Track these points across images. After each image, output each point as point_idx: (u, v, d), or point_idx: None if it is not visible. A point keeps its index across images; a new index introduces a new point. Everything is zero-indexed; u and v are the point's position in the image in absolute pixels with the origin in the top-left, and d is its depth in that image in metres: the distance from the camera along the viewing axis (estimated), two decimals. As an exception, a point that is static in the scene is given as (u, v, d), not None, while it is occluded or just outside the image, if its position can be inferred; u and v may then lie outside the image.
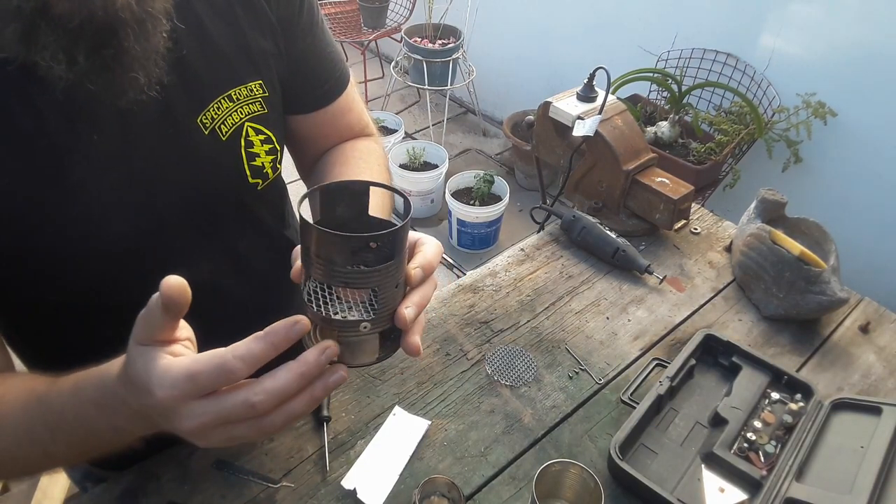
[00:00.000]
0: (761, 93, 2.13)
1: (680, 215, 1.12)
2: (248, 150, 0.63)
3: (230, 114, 0.61)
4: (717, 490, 0.76)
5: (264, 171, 0.65)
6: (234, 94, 0.61)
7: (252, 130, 0.63)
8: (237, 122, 0.62)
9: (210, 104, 0.60)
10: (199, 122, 0.59)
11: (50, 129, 0.52)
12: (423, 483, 0.70)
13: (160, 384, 0.41)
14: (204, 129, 0.60)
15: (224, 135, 0.61)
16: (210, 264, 0.66)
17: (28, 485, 1.40)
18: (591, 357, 0.94)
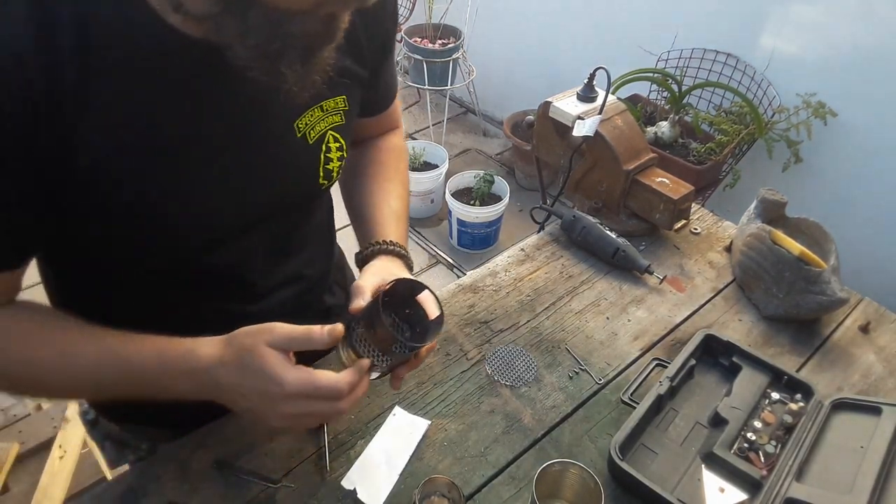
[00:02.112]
0: (761, 93, 2.13)
1: (680, 215, 1.12)
2: (325, 155, 0.72)
3: (318, 122, 0.69)
4: (717, 490, 0.76)
5: (332, 175, 0.74)
6: (325, 105, 0.70)
7: (332, 138, 0.72)
8: (322, 130, 0.70)
9: (306, 111, 0.68)
10: (296, 125, 0.67)
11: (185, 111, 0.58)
12: (423, 483, 0.70)
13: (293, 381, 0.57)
14: (297, 132, 0.68)
15: (311, 140, 0.69)
16: (267, 245, 0.75)
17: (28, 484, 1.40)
18: (591, 357, 0.94)
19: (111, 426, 0.90)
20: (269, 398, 0.59)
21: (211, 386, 0.60)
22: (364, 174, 0.88)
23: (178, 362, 0.61)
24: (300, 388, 0.58)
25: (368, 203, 0.85)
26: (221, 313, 0.73)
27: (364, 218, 0.84)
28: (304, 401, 0.59)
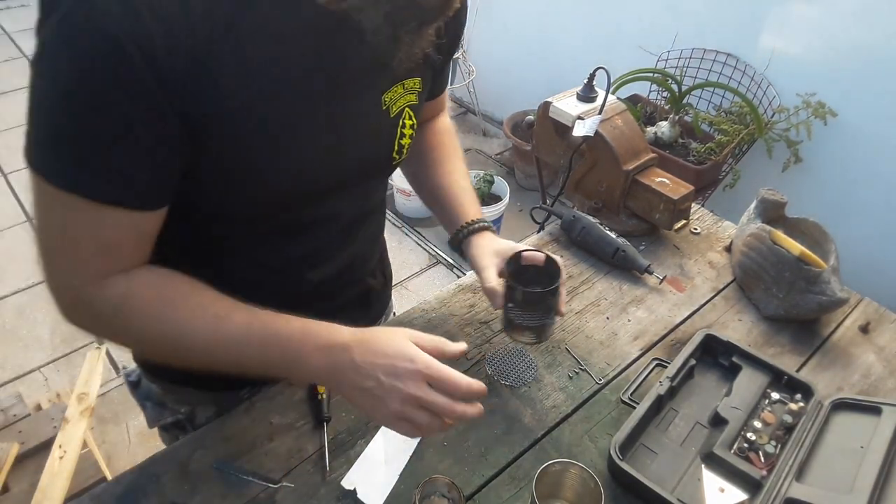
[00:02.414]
0: (761, 93, 2.13)
1: (680, 215, 1.12)
2: (401, 130, 0.76)
3: (400, 98, 0.74)
4: (717, 490, 0.76)
5: (403, 151, 0.78)
6: (407, 83, 0.74)
7: (408, 115, 0.76)
8: (402, 107, 0.75)
9: (393, 86, 0.72)
10: (384, 97, 0.72)
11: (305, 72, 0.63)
12: (423, 483, 0.70)
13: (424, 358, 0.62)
14: (383, 104, 0.72)
15: (392, 114, 0.74)
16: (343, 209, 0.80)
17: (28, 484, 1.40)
18: (591, 357, 0.94)
19: (152, 388, 0.93)
20: (396, 375, 0.61)
21: (343, 363, 0.63)
22: (430, 160, 0.96)
23: (322, 336, 0.64)
24: (427, 367, 0.61)
25: (443, 186, 0.94)
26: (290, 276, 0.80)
27: (444, 202, 0.93)
28: (426, 388, 0.61)
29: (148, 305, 0.64)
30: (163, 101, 0.54)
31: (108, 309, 0.63)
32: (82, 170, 0.55)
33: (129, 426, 1.94)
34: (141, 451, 1.86)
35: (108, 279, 0.62)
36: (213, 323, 0.64)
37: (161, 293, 0.64)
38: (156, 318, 0.64)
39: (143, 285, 0.64)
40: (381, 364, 0.62)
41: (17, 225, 2.69)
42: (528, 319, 0.84)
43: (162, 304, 0.64)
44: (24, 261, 2.51)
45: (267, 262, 0.78)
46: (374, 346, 0.63)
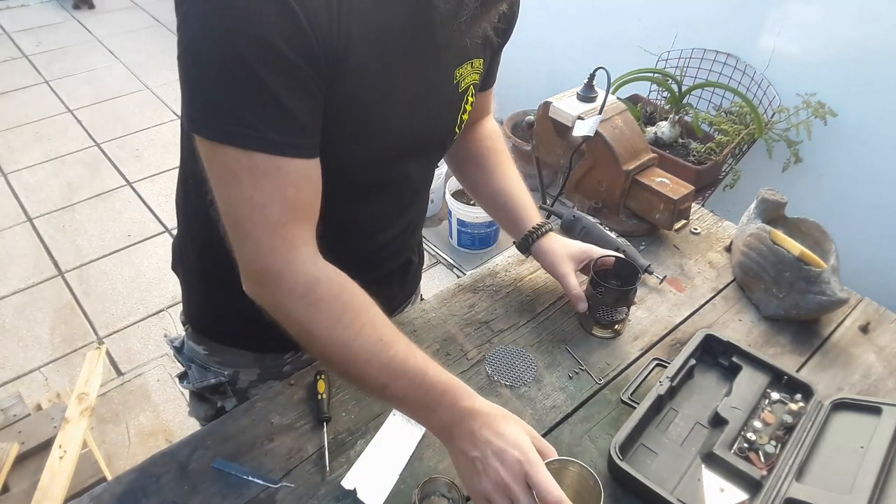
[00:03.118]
0: (761, 93, 2.13)
1: (680, 215, 1.12)
2: (464, 106, 0.81)
3: (468, 75, 0.78)
4: (717, 490, 0.76)
5: (462, 126, 0.83)
6: (475, 62, 0.79)
7: (471, 93, 0.81)
8: (469, 84, 0.79)
9: (464, 63, 0.77)
10: (456, 72, 0.76)
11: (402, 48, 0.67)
12: (423, 483, 0.70)
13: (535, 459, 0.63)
14: (455, 79, 0.76)
15: (461, 89, 0.78)
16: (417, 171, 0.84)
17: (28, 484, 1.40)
18: (591, 357, 0.94)
19: (197, 350, 0.95)
20: (502, 460, 0.63)
21: (464, 428, 0.66)
22: (489, 165, 1.00)
23: (459, 396, 0.67)
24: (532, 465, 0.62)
25: (505, 191, 0.99)
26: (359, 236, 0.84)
27: (507, 207, 0.99)
28: (521, 482, 0.62)
29: (333, 300, 0.66)
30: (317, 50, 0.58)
31: (299, 287, 0.64)
32: (263, 126, 0.58)
33: (129, 426, 1.94)
34: (141, 451, 1.86)
35: (299, 255, 0.64)
36: (378, 346, 0.66)
37: (342, 295, 0.66)
38: (335, 317, 0.65)
39: (331, 278, 0.66)
40: (494, 443, 0.64)
41: (17, 225, 2.69)
42: (616, 315, 0.95)
43: (343, 307, 0.66)
44: (24, 261, 2.51)
45: (344, 221, 0.79)
46: (496, 425, 0.65)
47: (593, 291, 0.95)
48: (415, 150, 0.79)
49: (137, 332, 2.24)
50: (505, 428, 0.65)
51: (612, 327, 0.97)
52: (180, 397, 2.00)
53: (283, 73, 0.57)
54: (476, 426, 0.65)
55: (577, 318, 1.00)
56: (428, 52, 0.71)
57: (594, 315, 0.96)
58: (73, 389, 1.62)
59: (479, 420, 0.66)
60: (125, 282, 2.43)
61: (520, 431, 0.66)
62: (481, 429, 0.65)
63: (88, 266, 2.51)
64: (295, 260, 0.64)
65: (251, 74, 0.56)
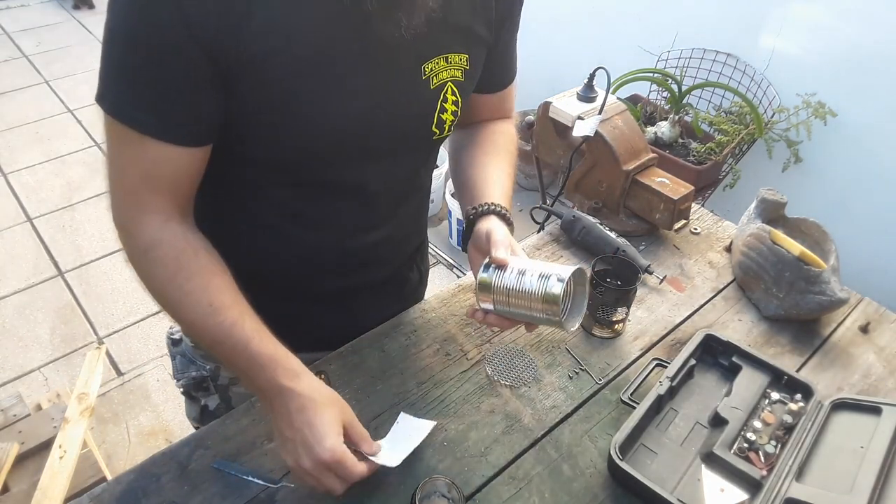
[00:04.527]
0: (761, 93, 2.13)
1: (680, 215, 1.12)
2: (442, 104, 0.77)
3: (442, 71, 0.75)
4: (717, 490, 0.76)
5: (444, 126, 0.79)
6: (450, 57, 0.75)
7: (451, 91, 0.77)
8: (444, 80, 0.76)
9: (435, 57, 0.74)
10: (423, 67, 0.73)
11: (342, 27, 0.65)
12: (423, 483, 0.70)
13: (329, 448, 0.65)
14: (423, 74, 0.74)
15: (433, 85, 0.75)
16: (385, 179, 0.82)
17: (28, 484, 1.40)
18: (591, 357, 0.94)
19: (185, 341, 0.98)
20: (305, 446, 0.66)
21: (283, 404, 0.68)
22: (473, 146, 0.92)
23: (281, 372, 0.68)
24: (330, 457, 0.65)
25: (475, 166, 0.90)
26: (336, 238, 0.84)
27: (471, 182, 0.88)
28: (324, 468, 0.66)
29: (170, 261, 0.68)
30: (191, 42, 0.59)
31: (139, 248, 0.69)
32: (125, 101, 0.63)
33: (129, 426, 1.94)
34: (141, 451, 1.86)
35: (148, 217, 0.68)
36: (207, 310, 0.68)
37: (180, 258, 0.69)
38: (169, 277, 0.69)
39: (170, 241, 0.69)
40: (305, 435, 0.66)
41: (17, 225, 2.69)
42: (616, 315, 0.95)
43: (178, 269, 0.68)
44: (24, 261, 2.51)
45: (315, 220, 0.81)
46: (310, 414, 0.67)
47: (593, 291, 0.95)
48: (373, 151, 0.76)
49: (137, 332, 2.24)
50: (319, 419, 0.66)
51: (612, 327, 0.97)
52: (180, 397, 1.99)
53: (169, 59, 0.60)
54: (292, 408, 0.67)
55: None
56: (373, 45, 0.68)
57: (594, 315, 0.96)
58: (73, 389, 1.62)
59: (294, 402, 0.67)
60: (125, 282, 2.43)
61: (332, 423, 0.67)
62: (296, 412, 0.67)
63: (88, 266, 2.51)
64: (143, 221, 0.68)
65: (136, 53, 0.60)
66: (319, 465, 0.65)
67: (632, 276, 0.95)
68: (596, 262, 0.96)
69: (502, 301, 0.74)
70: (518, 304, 0.73)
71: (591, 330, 0.98)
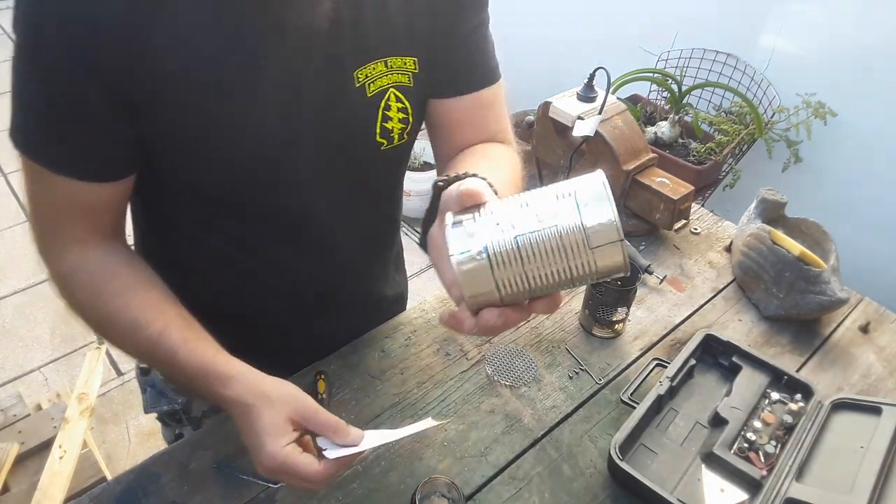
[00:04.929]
0: (761, 93, 2.12)
1: (680, 215, 1.12)
2: (384, 112, 0.72)
3: (381, 77, 0.70)
4: (717, 490, 0.76)
5: (391, 135, 0.73)
6: (391, 61, 0.70)
7: (394, 97, 0.71)
8: (384, 86, 0.70)
9: (369, 63, 0.68)
10: (356, 74, 0.68)
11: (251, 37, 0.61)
12: (423, 483, 0.70)
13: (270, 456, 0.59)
14: (356, 81, 0.68)
15: (370, 92, 0.69)
16: (329, 202, 0.76)
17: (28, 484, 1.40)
18: (591, 357, 0.94)
19: (157, 375, 0.95)
20: (254, 452, 0.62)
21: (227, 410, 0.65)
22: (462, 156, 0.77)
23: (211, 381, 0.64)
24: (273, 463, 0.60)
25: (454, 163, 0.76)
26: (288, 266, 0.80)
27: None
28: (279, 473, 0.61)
29: (85, 287, 0.67)
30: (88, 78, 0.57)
31: (60, 275, 0.68)
32: (33, 138, 0.61)
33: (129, 426, 1.94)
34: (141, 451, 1.85)
35: (66, 246, 0.67)
36: (131, 328, 0.65)
37: (98, 282, 0.67)
38: (90, 302, 0.67)
39: (88, 267, 0.67)
40: (251, 440, 0.62)
41: (17, 225, 2.69)
42: (616, 315, 0.95)
43: (96, 292, 0.67)
44: (24, 261, 2.51)
45: (264, 248, 0.78)
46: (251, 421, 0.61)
47: (593, 291, 0.94)
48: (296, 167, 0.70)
49: (137, 332, 2.24)
50: (258, 423, 0.61)
51: (612, 327, 0.97)
52: (180, 397, 2.00)
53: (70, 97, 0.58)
54: (234, 415, 0.63)
55: (577, 318, 1.00)
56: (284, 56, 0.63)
57: (594, 315, 0.96)
58: (73, 389, 1.62)
59: (233, 409, 0.63)
60: (125, 282, 2.43)
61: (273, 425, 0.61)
62: (238, 419, 0.63)
63: (88, 266, 2.50)
64: (62, 250, 0.67)
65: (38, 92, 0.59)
66: (271, 471, 0.61)
67: (632, 276, 0.95)
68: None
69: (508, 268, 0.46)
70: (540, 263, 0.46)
71: (591, 330, 0.98)
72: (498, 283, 0.47)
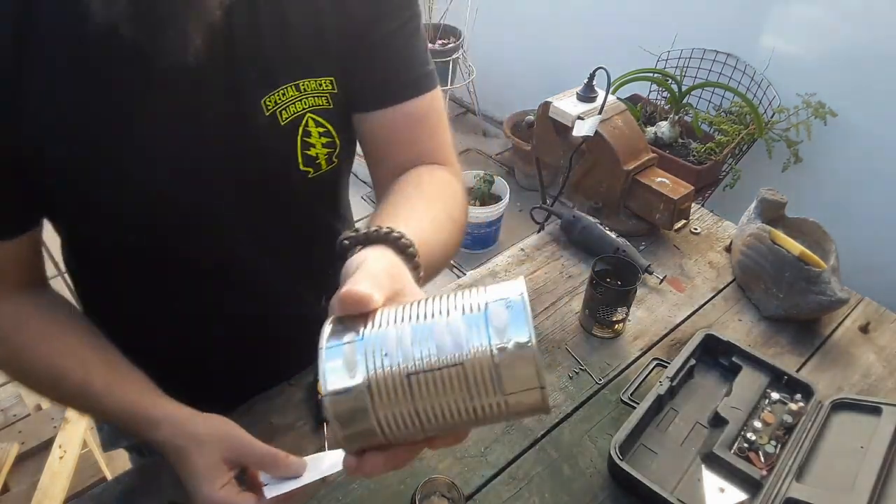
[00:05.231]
0: (761, 93, 2.13)
1: (680, 215, 1.12)
2: (304, 140, 0.66)
3: (294, 102, 0.64)
4: (717, 490, 0.76)
5: (317, 162, 0.68)
6: (303, 84, 0.64)
7: (312, 122, 0.66)
8: (299, 112, 0.64)
9: (277, 89, 0.63)
10: (263, 103, 0.62)
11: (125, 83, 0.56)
12: (423, 483, 0.70)
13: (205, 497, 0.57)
14: (266, 110, 0.62)
15: (283, 120, 0.64)
16: (254, 237, 0.71)
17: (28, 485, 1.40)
18: (591, 357, 0.94)
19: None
20: (192, 496, 0.60)
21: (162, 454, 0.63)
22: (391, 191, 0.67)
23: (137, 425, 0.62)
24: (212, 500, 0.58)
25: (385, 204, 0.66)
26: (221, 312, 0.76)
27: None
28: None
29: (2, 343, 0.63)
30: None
31: None
32: None
33: (129, 426, 1.93)
34: (141, 451, 1.85)
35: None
36: (48, 380, 0.63)
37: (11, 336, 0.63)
38: (4, 359, 0.64)
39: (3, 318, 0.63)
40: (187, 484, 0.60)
41: (17, 225, 2.69)
42: (616, 315, 0.95)
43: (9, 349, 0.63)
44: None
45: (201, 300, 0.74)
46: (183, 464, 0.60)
47: (593, 291, 0.94)
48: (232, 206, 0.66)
49: (137, 332, 2.24)
50: (191, 467, 0.59)
51: (612, 327, 0.97)
52: (180, 397, 2.00)
53: None
54: (169, 458, 0.61)
55: (577, 318, 1.00)
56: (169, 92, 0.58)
57: (594, 315, 0.96)
58: (73, 389, 1.62)
59: (169, 456, 0.61)
60: (125, 282, 2.43)
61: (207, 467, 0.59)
62: (174, 464, 0.61)
63: (88, 266, 2.50)
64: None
65: None
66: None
67: (632, 276, 0.95)
68: (596, 262, 0.96)
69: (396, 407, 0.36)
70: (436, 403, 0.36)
71: (591, 330, 0.98)
72: (383, 425, 0.37)
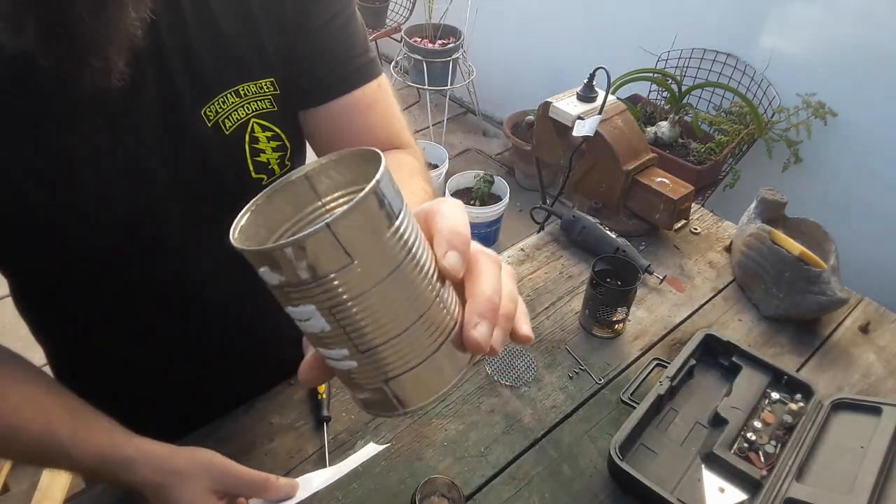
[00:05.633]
0: (761, 93, 2.13)
1: (680, 215, 1.12)
2: (252, 146, 0.64)
3: (236, 109, 0.62)
4: (717, 490, 0.76)
5: (269, 167, 0.66)
6: (242, 89, 0.62)
7: (258, 127, 0.64)
8: (243, 118, 0.62)
9: (216, 98, 0.60)
10: (203, 114, 0.60)
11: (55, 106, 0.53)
12: (423, 483, 0.70)
13: None
14: (207, 121, 0.60)
15: (228, 129, 0.62)
16: (212, 255, 0.67)
17: (28, 485, 1.40)
18: (591, 357, 0.94)
19: None
20: None
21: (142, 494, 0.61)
22: None
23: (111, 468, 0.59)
24: None
25: None
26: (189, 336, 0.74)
27: None
28: None
29: None
30: None
31: None
32: None
33: (129, 426, 1.93)
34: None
35: None
36: (9, 436, 0.58)
37: None
38: None
39: None
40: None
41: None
42: (616, 315, 0.95)
43: None
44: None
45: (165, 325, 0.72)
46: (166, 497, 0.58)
47: (593, 291, 0.94)
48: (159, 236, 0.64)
49: (137, 332, 2.24)
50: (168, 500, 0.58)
51: (612, 327, 0.97)
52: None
53: None
54: (150, 498, 0.60)
55: (577, 318, 1.00)
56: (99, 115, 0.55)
57: (594, 315, 0.96)
58: (73, 389, 1.62)
59: (147, 493, 0.59)
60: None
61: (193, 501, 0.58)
62: (156, 501, 0.59)
63: (88, 266, 2.50)
64: None
65: None
66: None
67: (632, 276, 0.95)
68: (596, 262, 0.96)
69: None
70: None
71: (591, 330, 0.98)
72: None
